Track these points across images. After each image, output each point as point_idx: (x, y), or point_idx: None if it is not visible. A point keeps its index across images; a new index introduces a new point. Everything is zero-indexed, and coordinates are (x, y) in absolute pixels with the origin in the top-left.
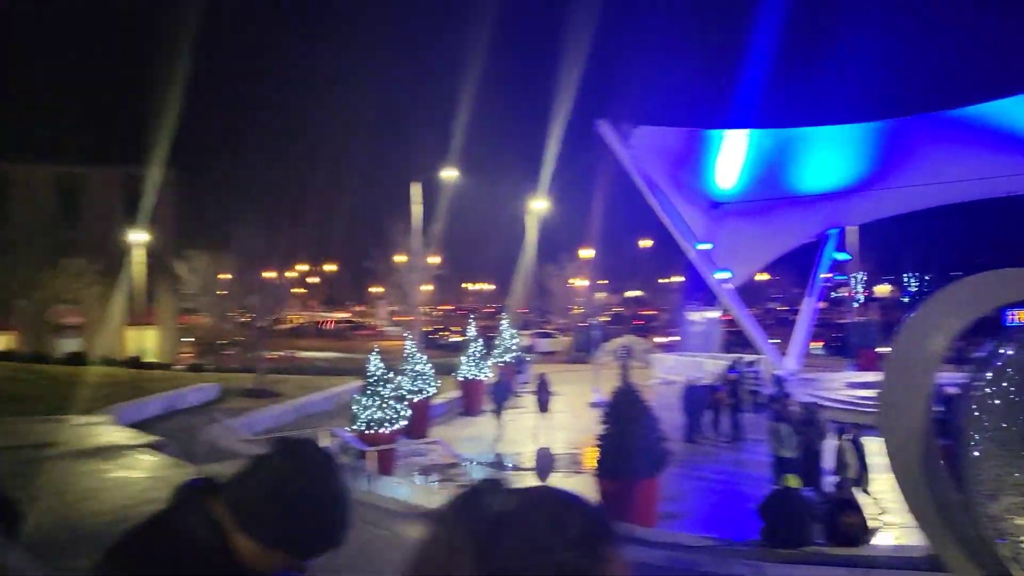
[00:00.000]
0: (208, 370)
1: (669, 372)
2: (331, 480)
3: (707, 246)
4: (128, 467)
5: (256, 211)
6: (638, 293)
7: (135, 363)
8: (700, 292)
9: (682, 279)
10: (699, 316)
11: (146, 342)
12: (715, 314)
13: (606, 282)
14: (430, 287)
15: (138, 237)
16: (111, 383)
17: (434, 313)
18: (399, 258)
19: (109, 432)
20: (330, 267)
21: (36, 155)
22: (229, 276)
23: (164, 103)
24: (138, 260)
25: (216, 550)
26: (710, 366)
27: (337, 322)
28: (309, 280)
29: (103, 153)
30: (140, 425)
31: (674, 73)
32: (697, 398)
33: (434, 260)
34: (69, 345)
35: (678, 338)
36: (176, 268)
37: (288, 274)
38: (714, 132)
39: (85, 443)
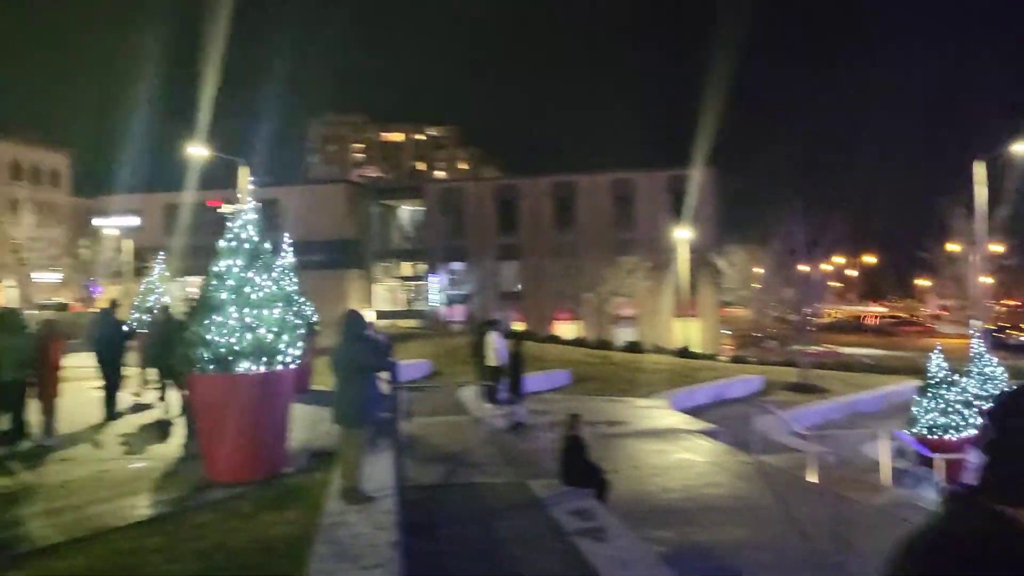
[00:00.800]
0: (750, 362)
1: None
2: None
3: None
4: (687, 450)
5: (792, 204)
6: None
7: (683, 353)
8: None
9: None
10: None
11: (691, 333)
12: None
13: None
14: (991, 279)
15: (682, 235)
16: (663, 370)
17: (997, 309)
18: (953, 247)
19: (666, 416)
20: (869, 258)
21: (596, 165)
22: (765, 270)
23: (705, 108)
24: (682, 256)
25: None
26: None
27: (881, 317)
28: (846, 273)
29: (651, 158)
30: (691, 411)
31: None
32: None
33: (996, 248)
34: (626, 334)
35: None
36: (716, 263)
37: (824, 267)
38: None
39: (647, 424)
